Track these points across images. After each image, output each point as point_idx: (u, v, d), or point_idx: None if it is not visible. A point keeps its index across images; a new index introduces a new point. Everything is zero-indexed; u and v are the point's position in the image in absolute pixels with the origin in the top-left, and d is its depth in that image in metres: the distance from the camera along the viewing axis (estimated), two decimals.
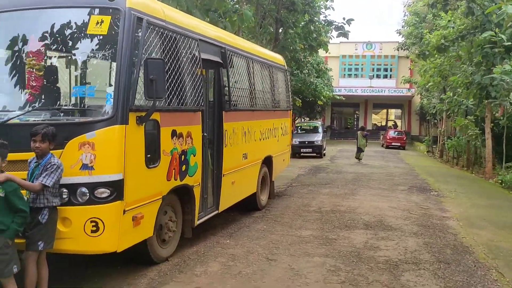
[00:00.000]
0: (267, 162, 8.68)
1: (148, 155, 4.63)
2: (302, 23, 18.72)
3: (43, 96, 4.59)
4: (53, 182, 3.85)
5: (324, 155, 21.61)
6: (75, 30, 4.57)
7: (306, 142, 20.62)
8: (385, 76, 41.85)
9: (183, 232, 5.73)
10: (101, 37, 4.48)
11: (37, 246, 3.84)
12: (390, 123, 48.08)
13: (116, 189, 4.17)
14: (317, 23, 19.24)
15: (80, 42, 4.59)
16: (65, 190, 4.05)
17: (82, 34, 4.55)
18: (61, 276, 4.71)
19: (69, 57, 4.95)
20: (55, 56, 4.85)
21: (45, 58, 4.72)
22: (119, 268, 5.07)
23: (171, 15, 5.38)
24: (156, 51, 4.80)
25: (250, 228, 7.09)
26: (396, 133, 33.28)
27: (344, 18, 15.82)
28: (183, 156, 5.32)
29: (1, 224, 3.53)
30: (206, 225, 6.65)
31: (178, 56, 5.23)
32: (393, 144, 30.77)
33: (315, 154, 20.63)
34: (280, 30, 17.60)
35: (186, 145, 5.40)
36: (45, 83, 4.64)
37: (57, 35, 4.61)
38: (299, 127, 22.89)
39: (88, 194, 4.09)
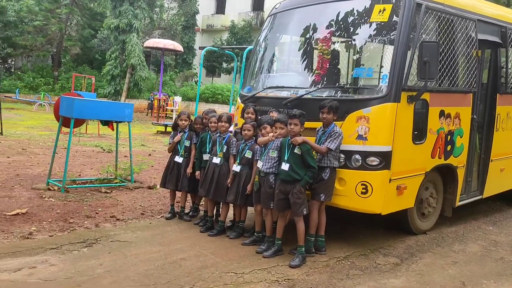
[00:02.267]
0: None
1: (415, 132, 5.00)
2: None
3: (329, 76, 5.49)
4: (335, 147, 4.67)
5: None
6: (359, 19, 5.25)
7: None
8: None
9: (443, 210, 5.90)
10: (381, 23, 5.02)
11: (319, 197, 4.76)
12: None
13: (385, 159, 4.72)
14: None
15: (362, 29, 5.27)
16: (342, 155, 4.83)
17: (365, 22, 5.20)
18: (334, 225, 5.62)
19: (351, 42, 5.75)
20: (340, 42, 5.70)
21: (332, 43, 5.59)
22: (381, 231, 5.67)
23: None
24: (431, 33, 5.07)
25: None
26: None
27: None
28: (449, 136, 5.45)
29: (298, 175, 4.55)
30: (467, 209, 6.58)
31: (453, 38, 5.34)
32: None
33: None
34: None
35: (453, 125, 5.50)
36: (330, 65, 5.53)
37: (342, 24, 5.39)
38: None
39: (360, 161, 4.76)
